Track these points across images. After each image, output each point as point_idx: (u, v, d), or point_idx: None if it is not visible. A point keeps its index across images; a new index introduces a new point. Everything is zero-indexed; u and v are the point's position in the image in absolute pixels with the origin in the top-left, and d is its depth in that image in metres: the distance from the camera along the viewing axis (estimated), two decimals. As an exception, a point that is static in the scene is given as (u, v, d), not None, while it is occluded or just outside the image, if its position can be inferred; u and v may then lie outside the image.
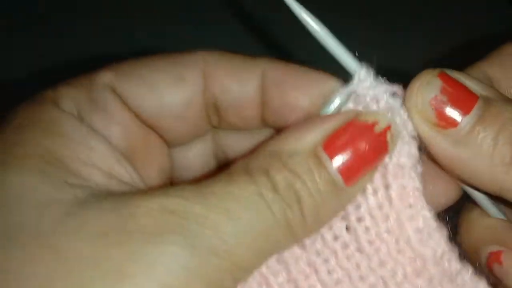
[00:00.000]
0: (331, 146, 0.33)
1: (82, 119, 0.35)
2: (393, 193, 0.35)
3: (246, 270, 0.32)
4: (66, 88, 0.36)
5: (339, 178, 0.33)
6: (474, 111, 0.35)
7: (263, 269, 0.35)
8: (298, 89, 0.38)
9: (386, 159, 0.35)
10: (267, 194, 0.31)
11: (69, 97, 0.35)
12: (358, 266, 0.36)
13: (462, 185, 0.41)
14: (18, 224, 0.29)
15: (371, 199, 0.35)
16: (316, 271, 0.36)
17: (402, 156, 0.36)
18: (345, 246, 0.36)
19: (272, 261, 0.35)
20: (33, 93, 0.36)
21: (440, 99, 0.35)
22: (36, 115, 0.34)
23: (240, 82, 0.38)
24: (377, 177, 0.35)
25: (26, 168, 0.31)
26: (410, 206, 0.35)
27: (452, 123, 0.35)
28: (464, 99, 0.36)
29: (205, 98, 0.39)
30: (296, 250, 0.35)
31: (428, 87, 0.36)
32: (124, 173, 0.34)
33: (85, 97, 0.36)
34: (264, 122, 0.40)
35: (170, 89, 0.37)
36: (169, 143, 0.41)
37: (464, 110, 0.35)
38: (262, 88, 0.38)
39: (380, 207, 0.35)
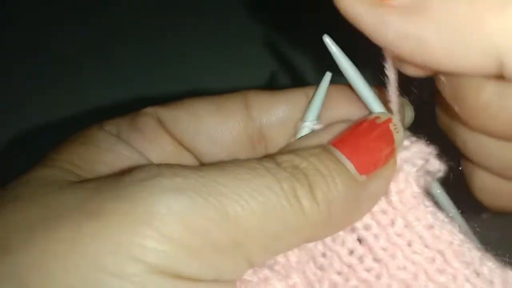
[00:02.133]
0: (338, 141, 0.34)
1: (119, 137, 0.37)
2: (393, 198, 0.35)
3: (247, 233, 0.29)
4: (113, 119, 0.39)
5: (351, 165, 0.33)
6: None
7: None
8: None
9: None
10: (272, 169, 0.31)
11: (113, 123, 0.39)
12: (378, 276, 0.35)
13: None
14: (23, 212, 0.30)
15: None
16: None
17: (405, 163, 0.36)
18: (362, 259, 0.35)
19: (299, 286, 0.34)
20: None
21: None
22: (80, 134, 0.38)
23: (285, 104, 0.39)
24: None
25: (52, 167, 0.34)
26: (413, 207, 0.35)
27: None
28: None
29: (248, 126, 0.39)
30: (317, 271, 0.35)
31: None
32: None
33: (128, 123, 0.39)
34: None
35: (210, 115, 0.39)
36: None
37: None
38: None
39: (384, 212, 0.35)
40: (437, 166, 0.37)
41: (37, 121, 0.78)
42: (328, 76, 0.38)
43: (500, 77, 0.28)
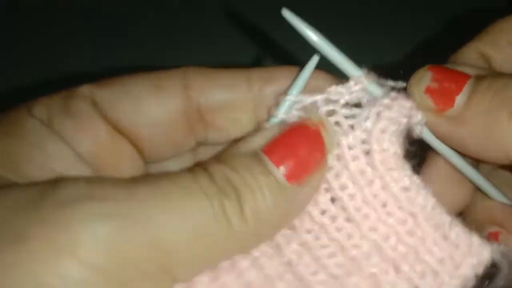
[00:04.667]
0: (269, 149, 0.34)
1: (51, 124, 0.35)
2: (376, 158, 0.36)
3: (173, 256, 0.29)
4: (44, 98, 0.36)
5: (281, 176, 0.33)
6: (466, 88, 0.37)
7: (256, 253, 0.34)
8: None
9: (368, 123, 0.36)
10: (204, 183, 0.31)
11: (43, 104, 0.36)
12: (350, 236, 0.36)
13: (465, 170, 0.42)
14: None
15: (352, 165, 0.36)
16: (310, 249, 0.35)
17: (383, 120, 0.36)
18: (334, 218, 0.36)
19: (264, 247, 0.35)
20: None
21: (433, 86, 0.38)
22: (8, 119, 0.35)
23: (225, 87, 0.39)
24: (356, 143, 0.36)
25: None
26: (392, 168, 0.36)
27: (448, 103, 0.38)
28: (455, 80, 0.38)
29: (187, 108, 0.38)
30: (286, 231, 0.36)
31: (420, 80, 0.39)
32: None
33: (59, 105, 0.36)
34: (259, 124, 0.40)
35: (147, 96, 0.37)
36: (146, 157, 0.40)
37: (457, 87, 0.38)
38: (250, 92, 0.39)
39: (362, 172, 0.36)
40: (419, 117, 0.38)
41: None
42: (315, 58, 0.38)
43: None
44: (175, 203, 0.29)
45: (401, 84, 0.38)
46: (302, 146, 0.34)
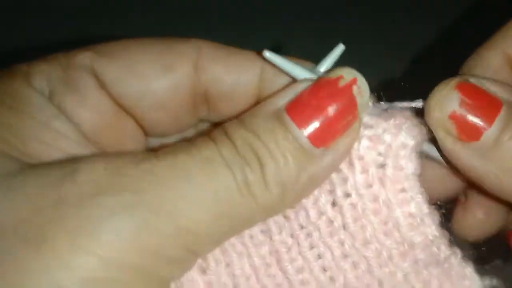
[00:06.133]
0: (293, 107, 0.31)
1: (52, 99, 0.33)
2: (389, 174, 0.33)
3: (200, 237, 0.29)
4: (41, 64, 0.34)
5: (305, 139, 0.31)
6: (498, 121, 0.32)
7: (246, 238, 0.34)
8: None
9: (386, 136, 0.33)
10: (226, 151, 0.30)
11: (43, 74, 0.33)
12: (341, 243, 0.35)
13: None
14: None
15: (359, 177, 0.34)
16: (298, 244, 0.35)
17: (408, 135, 0.33)
18: (329, 222, 0.34)
19: (256, 231, 0.34)
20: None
21: (460, 113, 0.33)
22: (6, 89, 0.32)
23: (235, 74, 0.37)
24: (372, 154, 0.34)
25: None
26: (404, 190, 0.34)
27: (475, 136, 0.33)
28: (486, 109, 0.33)
29: (194, 89, 0.37)
30: (280, 219, 0.35)
31: (446, 101, 0.33)
32: None
33: (60, 76, 0.34)
34: None
35: (156, 77, 0.35)
36: (149, 133, 0.39)
37: (487, 120, 0.33)
38: (260, 80, 0.37)
39: (368, 185, 0.34)
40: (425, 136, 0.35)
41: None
42: (341, 46, 0.36)
43: None
44: (198, 181, 0.28)
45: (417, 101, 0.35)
46: (330, 105, 0.31)
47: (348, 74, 0.32)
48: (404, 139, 0.33)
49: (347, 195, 0.34)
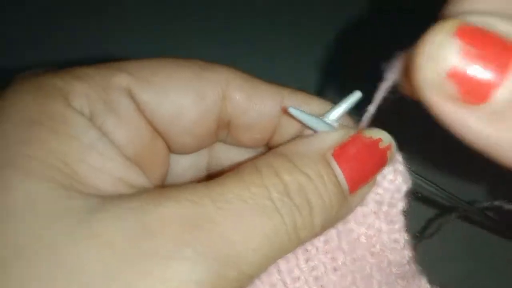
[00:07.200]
0: (340, 154, 0.35)
1: (93, 121, 0.32)
2: (383, 210, 0.40)
3: (251, 277, 0.31)
4: (79, 83, 0.33)
5: (345, 185, 0.34)
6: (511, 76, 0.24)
7: None
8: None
9: (386, 182, 0.39)
10: (278, 198, 0.31)
11: (82, 94, 0.32)
12: (334, 259, 0.40)
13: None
14: (25, 236, 0.27)
15: (359, 209, 0.39)
16: (295, 258, 0.39)
17: (403, 181, 0.39)
18: (326, 242, 0.40)
19: None
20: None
21: (462, 68, 0.25)
22: (45, 110, 0.31)
23: (259, 107, 0.39)
24: (371, 194, 0.39)
25: (33, 173, 0.28)
26: (393, 222, 0.40)
27: (485, 96, 0.25)
28: (497, 58, 0.24)
29: (220, 117, 0.39)
30: None
31: (441, 54, 0.25)
32: (135, 178, 0.32)
33: (99, 98, 0.33)
34: (271, 143, 0.41)
35: (188, 104, 0.37)
36: (172, 150, 0.40)
37: (501, 73, 0.24)
38: (280, 113, 0.39)
39: (365, 216, 0.40)
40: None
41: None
42: (358, 93, 0.38)
43: None
44: (252, 226, 0.30)
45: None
46: (370, 162, 0.36)
47: (386, 138, 0.37)
48: (400, 185, 0.39)
49: (346, 222, 0.40)
